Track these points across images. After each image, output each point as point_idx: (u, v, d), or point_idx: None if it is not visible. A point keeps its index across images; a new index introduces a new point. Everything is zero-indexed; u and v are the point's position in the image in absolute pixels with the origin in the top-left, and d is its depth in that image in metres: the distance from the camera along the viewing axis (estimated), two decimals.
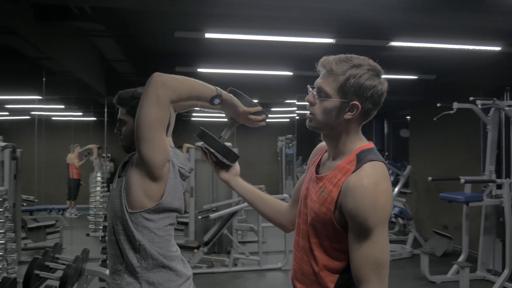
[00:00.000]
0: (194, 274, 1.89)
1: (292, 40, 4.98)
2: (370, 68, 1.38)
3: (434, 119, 5.65)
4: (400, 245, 7.08)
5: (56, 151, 8.29)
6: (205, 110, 1.87)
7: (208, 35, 4.88)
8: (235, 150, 1.74)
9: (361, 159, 1.38)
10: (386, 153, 9.07)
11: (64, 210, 7.68)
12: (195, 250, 5.94)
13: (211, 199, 6.87)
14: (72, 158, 8.42)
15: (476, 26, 4.78)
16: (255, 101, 1.68)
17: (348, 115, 1.40)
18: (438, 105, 5.62)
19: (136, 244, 1.66)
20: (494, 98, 5.39)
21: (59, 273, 3.32)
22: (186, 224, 6.84)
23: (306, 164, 1.74)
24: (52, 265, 3.45)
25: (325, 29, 4.97)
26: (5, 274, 4.38)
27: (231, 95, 1.66)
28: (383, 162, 1.39)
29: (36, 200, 7.35)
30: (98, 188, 7.89)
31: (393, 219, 5.48)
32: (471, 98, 5.45)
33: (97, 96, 7.32)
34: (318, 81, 1.43)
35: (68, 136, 8.11)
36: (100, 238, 5.14)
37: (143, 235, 1.67)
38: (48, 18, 4.65)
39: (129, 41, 5.81)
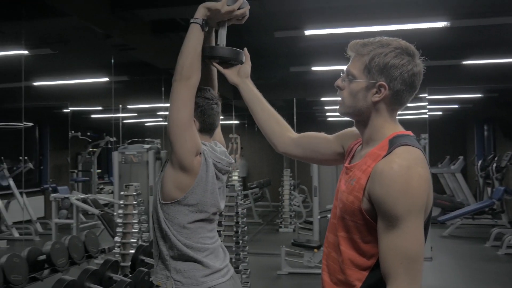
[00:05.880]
0: (314, 274, 1.79)
1: (396, 29, 4.55)
2: (398, 46, 1.29)
3: None
4: None
5: None
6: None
7: (307, 32, 4.80)
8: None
9: (393, 143, 1.28)
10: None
11: None
12: (315, 250, 5.82)
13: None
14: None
15: None
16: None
17: (375, 97, 1.32)
18: None
19: (164, 233, 1.76)
20: None
21: None
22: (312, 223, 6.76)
23: None
24: None
25: (436, 12, 4.44)
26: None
27: (207, 4, 1.63)
28: (419, 149, 1.27)
29: None
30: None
31: None
32: None
33: (225, 100, 7.73)
34: (347, 65, 1.38)
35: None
36: None
37: (171, 225, 1.74)
38: (161, 30, 5.11)
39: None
